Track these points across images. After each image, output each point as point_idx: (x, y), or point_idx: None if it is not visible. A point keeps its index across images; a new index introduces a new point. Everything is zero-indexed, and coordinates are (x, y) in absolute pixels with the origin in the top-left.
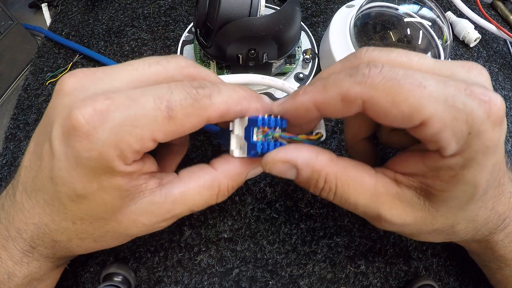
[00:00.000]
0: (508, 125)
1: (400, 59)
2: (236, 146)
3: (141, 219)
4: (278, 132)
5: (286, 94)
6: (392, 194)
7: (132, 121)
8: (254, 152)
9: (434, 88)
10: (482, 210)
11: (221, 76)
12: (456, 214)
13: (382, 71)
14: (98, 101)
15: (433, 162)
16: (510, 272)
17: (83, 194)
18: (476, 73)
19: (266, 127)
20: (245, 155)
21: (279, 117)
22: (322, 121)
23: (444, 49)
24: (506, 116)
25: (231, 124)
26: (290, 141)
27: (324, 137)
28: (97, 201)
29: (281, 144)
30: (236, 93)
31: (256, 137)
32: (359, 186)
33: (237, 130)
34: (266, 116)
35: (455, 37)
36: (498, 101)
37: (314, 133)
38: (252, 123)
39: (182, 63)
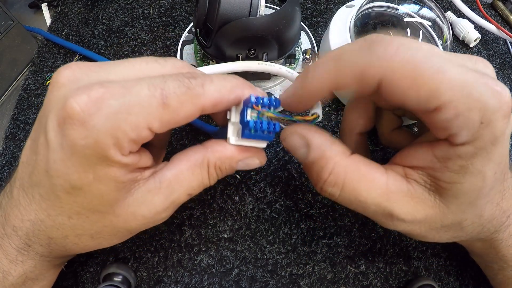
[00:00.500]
0: None
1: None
2: (232, 133)
3: (140, 211)
4: (272, 111)
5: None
6: (403, 192)
7: (127, 108)
8: (248, 131)
9: (454, 74)
10: (489, 205)
11: (218, 65)
12: (466, 210)
13: (400, 51)
14: (93, 89)
15: (442, 152)
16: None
17: (78, 185)
18: (483, 66)
19: (259, 105)
20: (240, 139)
21: (273, 97)
22: (319, 102)
23: (444, 49)
24: None
25: (228, 112)
26: (285, 120)
27: (320, 118)
28: (93, 192)
29: (274, 125)
30: (228, 82)
31: (250, 117)
32: (370, 183)
33: (234, 117)
34: (260, 96)
35: (455, 37)
36: (508, 93)
37: (310, 114)
38: (246, 103)
39: (178, 64)
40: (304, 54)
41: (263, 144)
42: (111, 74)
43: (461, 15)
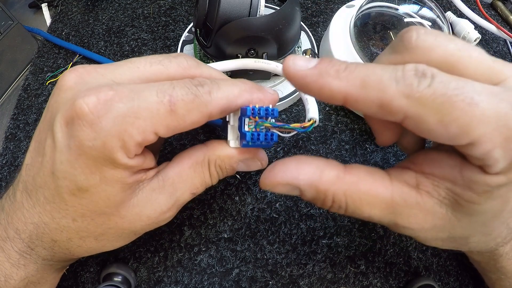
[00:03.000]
0: None
1: (459, 53)
2: (232, 136)
3: (145, 211)
4: (269, 121)
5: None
6: (411, 204)
7: (135, 112)
8: (245, 142)
9: (487, 105)
10: (499, 226)
11: (214, 63)
12: (476, 228)
13: (433, 84)
14: (102, 91)
15: (471, 173)
16: (509, 284)
17: (84, 186)
18: None
19: (256, 117)
20: (240, 146)
21: (270, 106)
22: (315, 106)
23: None
24: None
25: (227, 115)
26: (282, 130)
27: (317, 123)
28: (99, 194)
29: (272, 134)
30: (236, 87)
31: (247, 127)
32: (372, 199)
33: (232, 121)
34: (257, 106)
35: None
36: None
37: (306, 120)
38: (243, 113)
39: (184, 63)
40: (304, 54)
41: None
42: (117, 76)
43: (461, 15)
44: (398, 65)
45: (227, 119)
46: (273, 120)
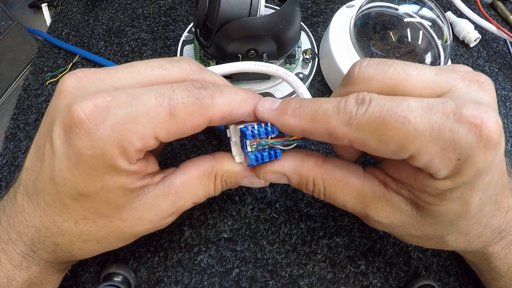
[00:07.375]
0: (508, 125)
1: (398, 75)
2: (236, 152)
3: (146, 215)
4: (270, 140)
5: (284, 84)
6: (379, 197)
7: (133, 118)
8: (250, 164)
9: (420, 120)
10: (476, 226)
11: (213, 67)
12: (446, 227)
13: (369, 109)
14: (99, 98)
15: (423, 180)
16: (505, 284)
17: (86, 193)
18: (476, 88)
19: (257, 138)
20: (245, 164)
21: (269, 124)
22: None
23: (444, 49)
24: (506, 116)
25: (227, 131)
26: (284, 145)
27: None
28: (100, 199)
29: (275, 152)
30: (239, 96)
31: (250, 147)
32: (345, 187)
33: (234, 137)
34: (256, 127)
35: (455, 37)
36: (490, 123)
37: None
38: (243, 135)
39: (187, 68)
40: (304, 54)
41: None
42: (116, 81)
43: (461, 15)
44: (343, 96)
45: (228, 135)
46: (274, 136)
